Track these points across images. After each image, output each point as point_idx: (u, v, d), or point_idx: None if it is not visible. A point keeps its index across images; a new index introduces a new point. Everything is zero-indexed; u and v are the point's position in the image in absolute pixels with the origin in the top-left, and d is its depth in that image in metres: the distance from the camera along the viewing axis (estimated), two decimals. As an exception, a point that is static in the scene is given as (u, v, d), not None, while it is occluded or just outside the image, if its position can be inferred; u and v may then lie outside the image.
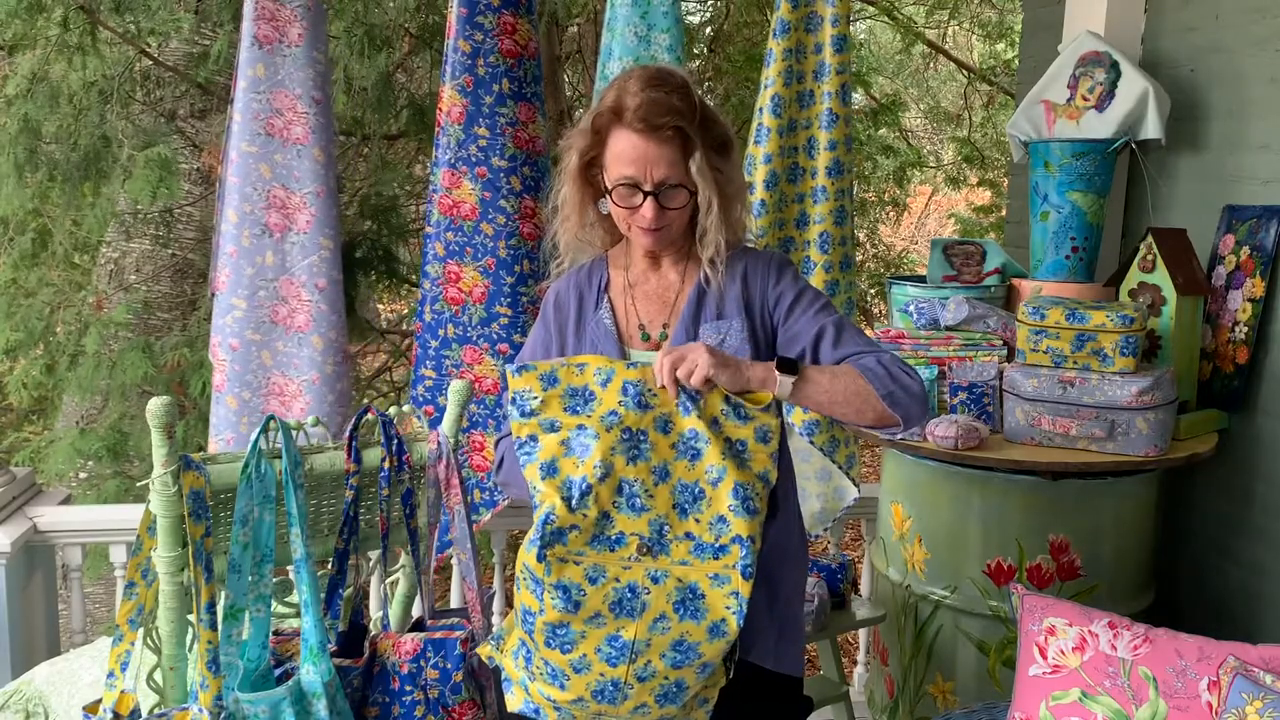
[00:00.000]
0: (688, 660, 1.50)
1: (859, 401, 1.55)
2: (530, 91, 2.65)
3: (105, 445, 3.89)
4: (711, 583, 1.50)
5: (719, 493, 1.51)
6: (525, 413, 1.54)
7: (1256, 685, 1.62)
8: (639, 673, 1.49)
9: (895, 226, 10.57)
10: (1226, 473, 2.56)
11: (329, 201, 2.54)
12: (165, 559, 1.61)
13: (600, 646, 1.49)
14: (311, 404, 2.58)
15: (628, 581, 1.49)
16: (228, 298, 2.56)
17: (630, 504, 1.50)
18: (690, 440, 1.52)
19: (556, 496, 1.49)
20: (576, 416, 1.52)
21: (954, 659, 2.41)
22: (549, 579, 1.48)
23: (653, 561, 1.50)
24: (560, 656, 1.50)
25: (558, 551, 1.49)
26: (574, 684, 1.50)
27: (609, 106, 1.60)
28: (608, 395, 1.52)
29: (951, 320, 2.51)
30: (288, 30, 2.51)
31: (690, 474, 1.52)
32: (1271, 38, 2.46)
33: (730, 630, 1.50)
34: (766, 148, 2.80)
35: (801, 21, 2.80)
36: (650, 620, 1.49)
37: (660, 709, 1.54)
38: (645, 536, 1.50)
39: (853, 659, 3.53)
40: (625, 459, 1.50)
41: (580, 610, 1.48)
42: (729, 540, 1.51)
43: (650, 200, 1.60)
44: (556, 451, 1.52)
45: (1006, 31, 8.00)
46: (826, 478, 3.00)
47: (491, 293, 2.69)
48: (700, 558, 1.51)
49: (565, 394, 1.54)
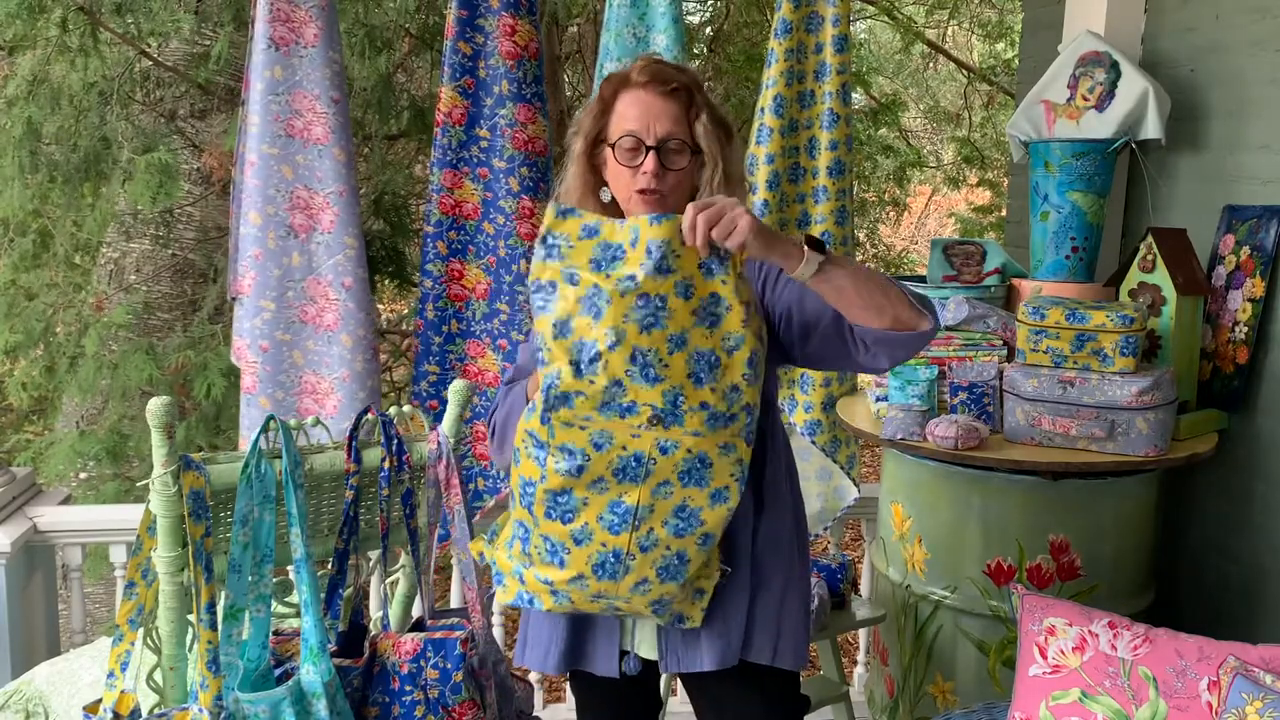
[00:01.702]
0: (689, 528, 1.49)
1: (881, 296, 1.47)
2: (530, 92, 2.66)
3: (105, 447, 3.89)
4: (720, 452, 1.49)
5: (734, 360, 1.48)
6: (553, 255, 1.47)
7: (1256, 685, 1.62)
8: (641, 541, 1.48)
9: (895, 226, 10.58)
10: (1226, 473, 2.56)
11: (351, 200, 2.55)
12: (165, 559, 1.61)
13: (602, 514, 1.47)
14: (344, 401, 2.59)
15: (634, 450, 1.47)
16: (254, 300, 2.55)
17: (644, 373, 1.44)
18: (711, 306, 1.47)
19: (565, 360, 1.45)
20: (597, 274, 1.45)
21: (954, 659, 2.41)
22: (553, 441, 1.46)
23: (664, 432, 1.47)
24: (561, 527, 1.48)
25: (563, 415, 1.46)
26: (574, 558, 1.49)
27: (616, 76, 1.64)
28: (633, 255, 1.45)
29: (951, 320, 2.51)
30: (303, 31, 2.52)
31: (707, 341, 1.47)
32: (1271, 38, 2.46)
33: (731, 497, 1.49)
34: (769, 148, 2.80)
35: (802, 21, 2.80)
36: (654, 485, 1.47)
37: (661, 585, 1.52)
38: (658, 407, 1.46)
39: (853, 659, 3.53)
40: (639, 327, 1.43)
41: (583, 475, 1.46)
42: (739, 408, 1.49)
43: (652, 155, 1.58)
44: (572, 309, 1.45)
45: (1006, 31, 8.00)
46: (827, 477, 3.00)
47: (493, 290, 2.73)
48: (713, 428, 1.48)
49: (598, 247, 1.47)
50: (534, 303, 1.48)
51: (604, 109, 1.64)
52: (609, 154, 1.63)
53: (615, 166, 1.63)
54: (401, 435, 1.84)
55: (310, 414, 2.58)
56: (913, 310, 1.49)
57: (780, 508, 1.68)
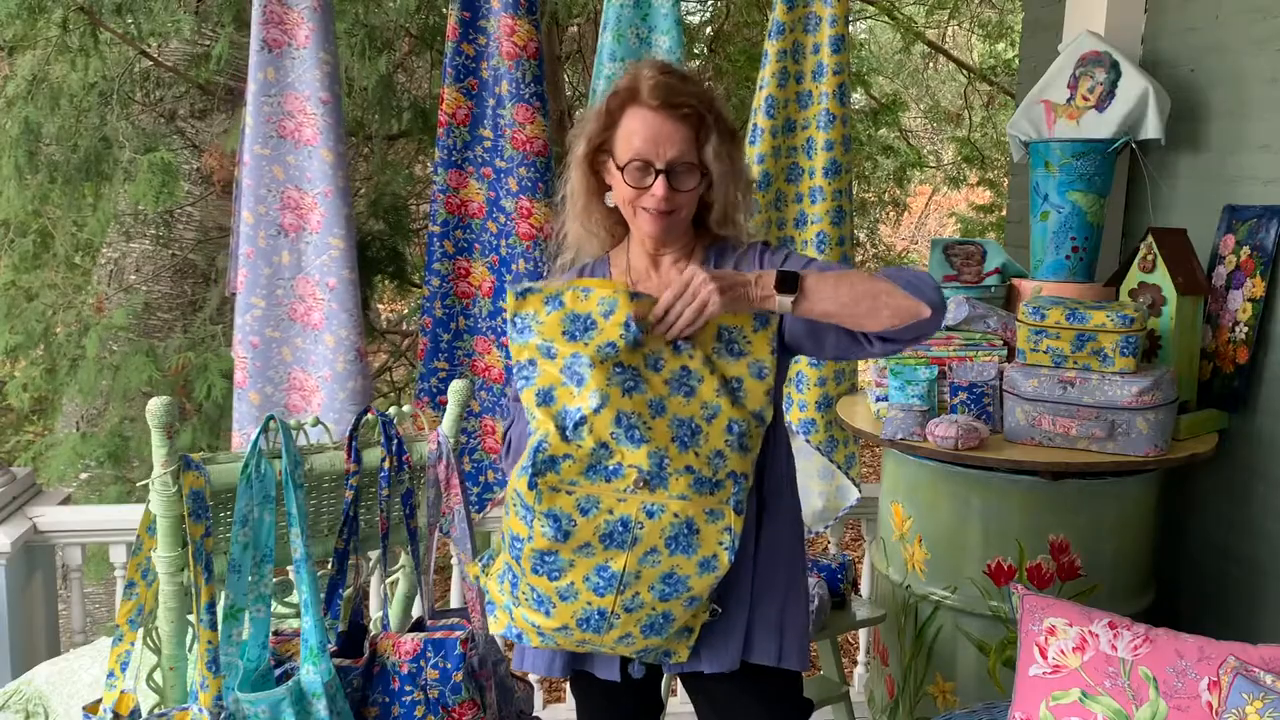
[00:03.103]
0: (676, 593, 1.50)
1: (871, 300, 1.48)
2: (529, 93, 2.66)
3: (106, 450, 3.89)
4: (707, 518, 1.49)
5: (714, 428, 1.50)
6: (525, 334, 1.51)
7: (1256, 685, 1.62)
8: (626, 603, 1.49)
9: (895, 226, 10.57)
10: (1226, 473, 2.55)
11: (337, 201, 2.56)
12: (165, 559, 1.61)
13: (588, 576, 1.48)
14: (326, 400, 2.61)
15: (621, 515, 1.47)
16: (246, 297, 2.60)
17: (629, 435, 1.47)
18: (684, 378, 1.50)
19: (551, 424, 1.47)
20: (573, 343, 1.49)
21: (954, 659, 2.41)
22: (539, 506, 1.47)
23: (650, 495, 1.48)
24: (547, 583, 1.49)
25: (550, 480, 1.47)
26: (559, 611, 1.50)
27: (624, 87, 1.61)
28: (609, 326, 1.48)
29: (952, 320, 2.51)
30: (296, 33, 2.54)
31: (685, 409, 1.50)
32: (1271, 38, 2.46)
33: (721, 565, 1.49)
34: (759, 148, 2.83)
35: (799, 22, 2.81)
36: (641, 553, 1.48)
37: (645, 639, 1.53)
38: (644, 469, 1.47)
39: (853, 659, 3.53)
40: (621, 390, 1.47)
41: (569, 540, 1.47)
42: (725, 475, 1.50)
43: (662, 179, 1.58)
44: (554, 379, 1.49)
45: (1006, 31, 8.01)
46: (829, 476, 3.00)
47: (497, 288, 2.77)
48: (699, 492, 1.49)
49: (567, 319, 1.50)
50: (516, 382, 1.52)
51: (610, 121, 1.62)
52: (615, 170, 1.63)
53: (621, 184, 1.62)
54: (401, 435, 1.84)
55: (297, 410, 2.62)
56: (910, 299, 1.48)
57: (782, 511, 1.68)
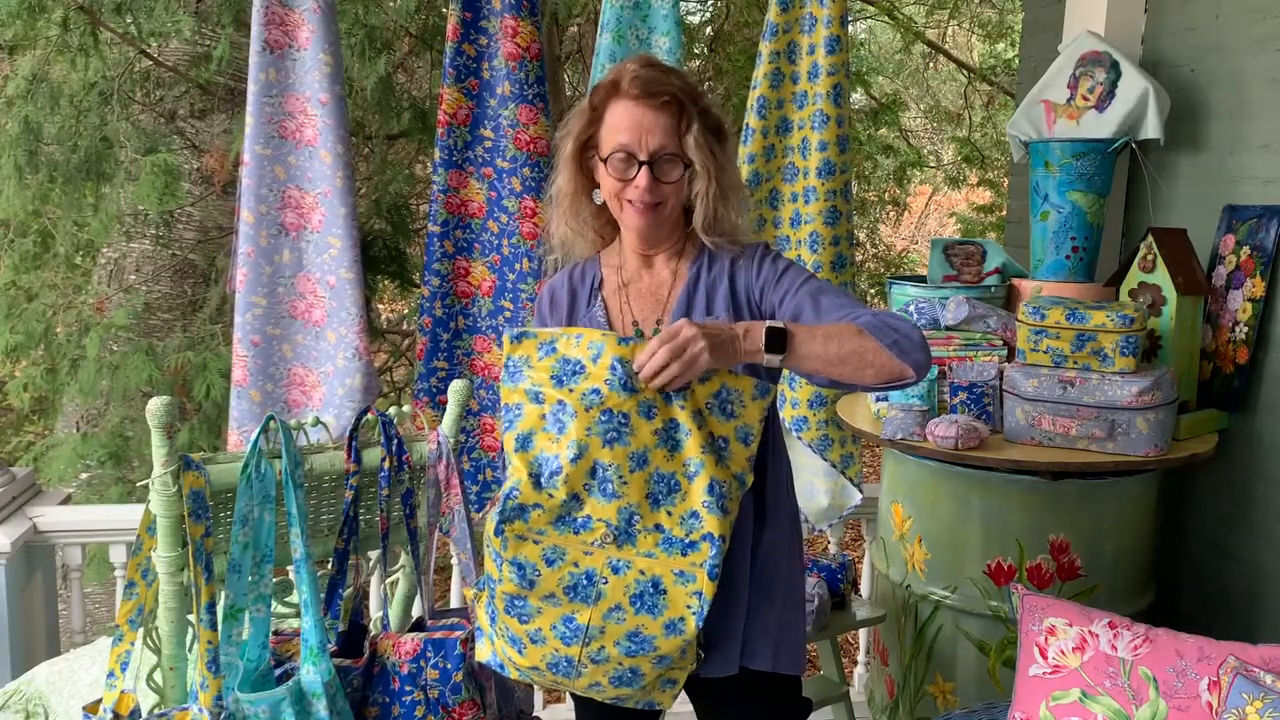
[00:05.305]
0: (642, 651, 1.48)
1: (858, 359, 1.49)
2: (532, 93, 2.67)
3: (106, 450, 3.89)
4: (676, 579, 1.48)
5: (694, 487, 1.48)
6: (516, 378, 1.52)
7: (1256, 685, 1.62)
8: (592, 655, 1.48)
9: (895, 226, 10.58)
10: (1226, 473, 2.55)
11: (336, 201, 2.57)
12: (165, 559, 1.61)
13: (555, 624, 1.48)
14: (326, 395, 2.62)
15: (586, 568, 1.47)
16: (247, 296, 2.60)
17: (602, 489, 1.47)
18: (672, 430, 1.49)
19: (525, 472, 1.47)
20: (560, 389, 1.49)
21: (954, 659, 2.41)
22: (505, 554, 1.47)
23: (616, 551, 1.48)
24: (518, 626, 1.49)
25: (517, 528, 1.47)
26: (530, 653, 1.50)
27: (607, 82, 1.63)
28: (596, 371, 1.48)
29: (951, 320, 2.51)
30: (296, 34, 2.54)
31: (668, 464, 1.49)
32: (1271, 38, 2.46)
33: (688, 630, 1.47)
34: (750, 148, 2.85)
35: (795, 23, 2.82)
36: (605, 609, 1.47)
37: (615, 689, 1.53)
38: (613, 524, 1.47)
39: (853, 659, 3.53)
40: (602, 441, 1.46)
41: (535, 589, 1.47)
42: (699, 537, 1.48)
43: (645, 170, 1.59)
44: (535, 425, 1.49)
45: (1006, 31, 8.01)
46: (834, 475, 3.00)
47: (498, 287, 2.77)
48: (668, 552, 1.48)
49: (557, 364, 1.50)
50: (502, 425, 1.52)
51: (594, 116, 1.64)
52: (601, 165, 1.64)
53: (606, 178, 1.63)
54: (401, 435, 1.84)
55: (298, 406, 2.63)
56: (895, 361, 1.50)
57: (780, 517, 1.68)
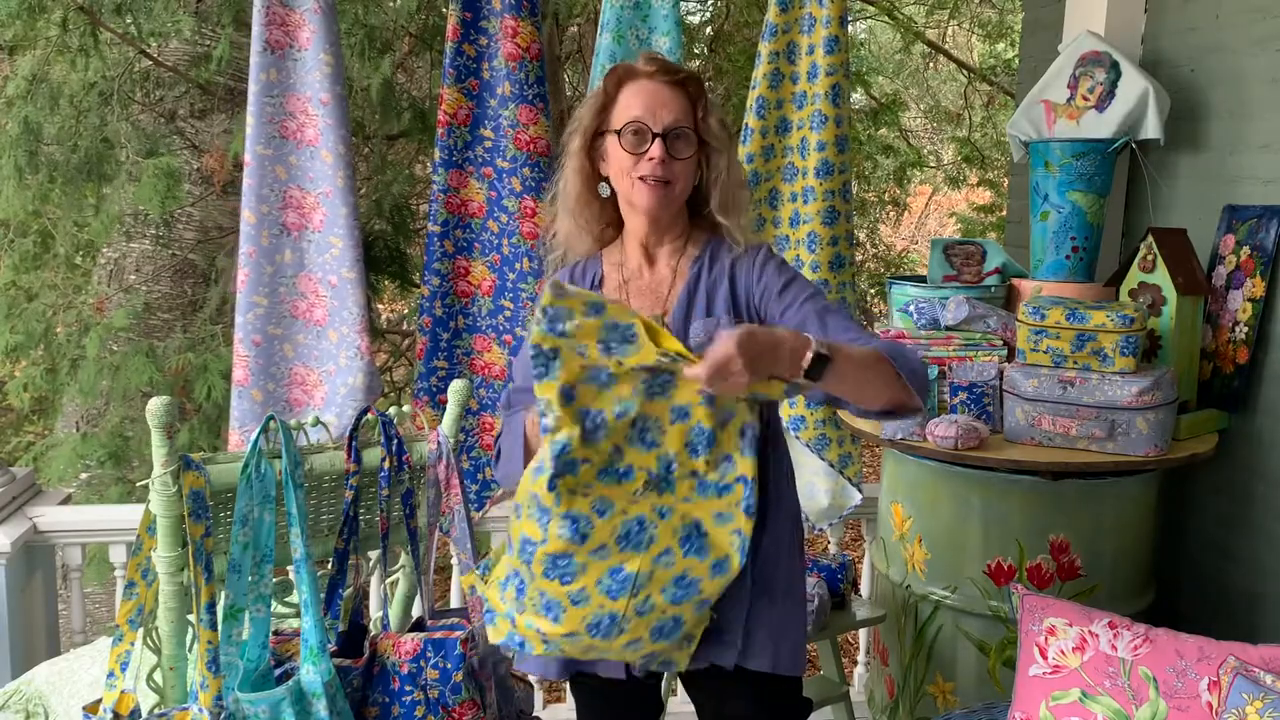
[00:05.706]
0: (688, 596, 1.49)
1: (881, 385, 1.49)
2: (532, 94, 2.67)
3: (106, 450, 3.88)
4: (715, 520, 1.50)
5: (728, 433, 1.50)
6: (557, 331, 1.43)
7: (1256, 685, 1.62)
8: (638, 606, 1.48)
9: (895, 226, 10.58)
10: (1226, 473, 2.55)
11: (337, 201, 2.57)
12: (165, 559, 1.61)
13: (601, 579, 1.47)
14: (328, 395, 2.62)
15: (636, 515, 1.48)
16: (248, 295, 2.61)
17: (642, 438, 1.47)
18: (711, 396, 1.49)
19: (576, 427, 1.44)
20: (607, 357, 1.45)
21: (954, 659, 2.41)
22: (558, 509, 1.45)
23: (658, 497, 1.49)
24: (559, 588, 1.47)
25: (568, 482, 1.45)
26: (569, 616, 1.48)
27: (621, 67, 1.66)
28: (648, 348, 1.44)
29: (951, 320, 2.51)
30: (297, 34, 2.55)
31: (710, 420, 1.50)
32: (1271, 38, 2.46)
33: (732, 567, 1.49)
34: (749, 148, 2.86)
35: (795, 23, 2.82)
36: (656, 553, 1.47)
37: (653, 644, 1.52)
38: (653, 471, 1.48)
39: (853, 659, 3.53)
40: (647, 395, 1.46)
41: (586, 542, 1.46)
42: (734, 479, 1.50)
43: (659, 142, 1.60)
44: (577, 375, 1.44)
45: (1006, 31, 8.01)
46: (835, 474, 2.99)
47: (497, 287, 2.77)
48: (704, 495, 1.50)
49: (606, 327, 1.45)
50: (532, 367, 1.45)
51: (607, 101, 1.66)
52: (612, 143, 1.64)
53: (618, 155, 1.63)
54: (401, 435, 1.84)
55: (300, 405, 2.63)
56: (911, 396, 1.52)
57: (781, 516, 1.68)
